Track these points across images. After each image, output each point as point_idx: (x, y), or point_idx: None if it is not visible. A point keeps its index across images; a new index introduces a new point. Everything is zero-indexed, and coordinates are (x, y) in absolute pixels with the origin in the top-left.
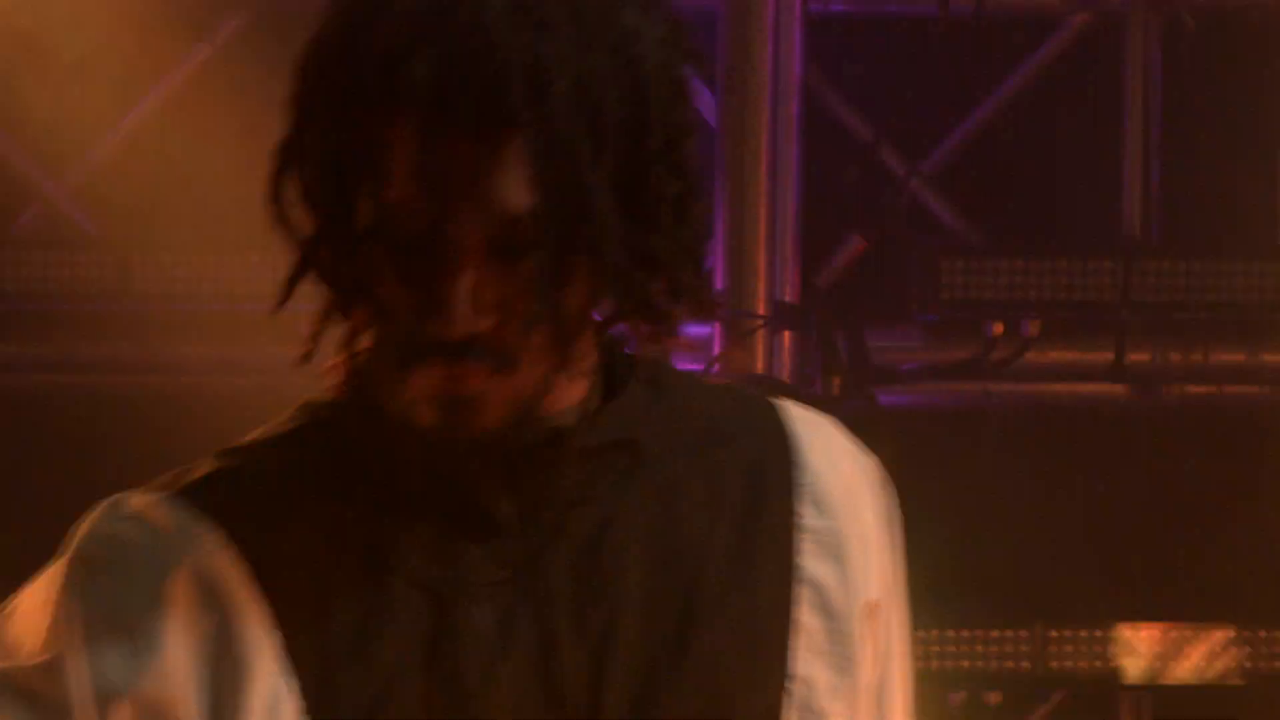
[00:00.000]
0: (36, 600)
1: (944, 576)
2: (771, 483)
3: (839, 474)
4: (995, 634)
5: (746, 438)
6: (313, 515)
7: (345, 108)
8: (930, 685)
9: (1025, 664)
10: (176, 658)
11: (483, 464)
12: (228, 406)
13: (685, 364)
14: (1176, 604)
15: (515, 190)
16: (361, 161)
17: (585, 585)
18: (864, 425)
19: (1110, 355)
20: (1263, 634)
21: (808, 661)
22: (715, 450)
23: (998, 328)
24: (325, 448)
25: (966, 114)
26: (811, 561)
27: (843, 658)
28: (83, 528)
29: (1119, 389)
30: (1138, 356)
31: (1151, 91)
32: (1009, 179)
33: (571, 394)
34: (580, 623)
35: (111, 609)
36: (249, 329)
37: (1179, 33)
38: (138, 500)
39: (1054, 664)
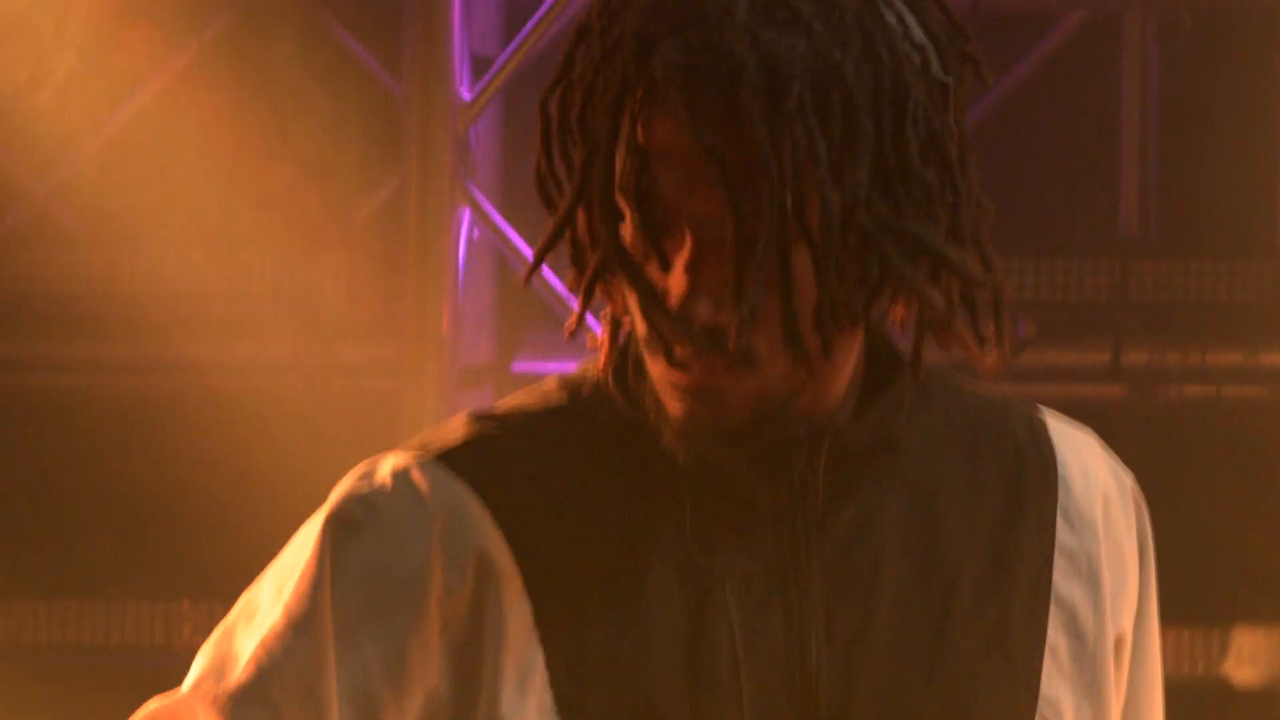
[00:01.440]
0: (292, 558)
1: None
2: (1030, 497)
3: (1096, 493)
4: None
5: (1008, 449)
6: (570, 493)
7: (599, 90)
8: None
9: None
10: (433, 625)
11: (743, 456)
12: (217, 406)
13: None
14: (1175, 605)
15: (755, 187)
16: (615, 142)
17: (839, 585)
18: None
19: (1107, 356)
20: (1262, 634)
21: (1055, 683)
22: (976, 459)
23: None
24: (585, 427)
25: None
26: (1065, 581)
27: (1090, 684)
28: (340, 489)
29: (1116, 390)
30: (1135, 357)
31: (1149, 89)
32: (1004, 177)
33: (835, 391)
34: (832, 622)
35: (367, 573)
36: (238, 328)
37: (1176, 30)
38: (396, 462)
39: None
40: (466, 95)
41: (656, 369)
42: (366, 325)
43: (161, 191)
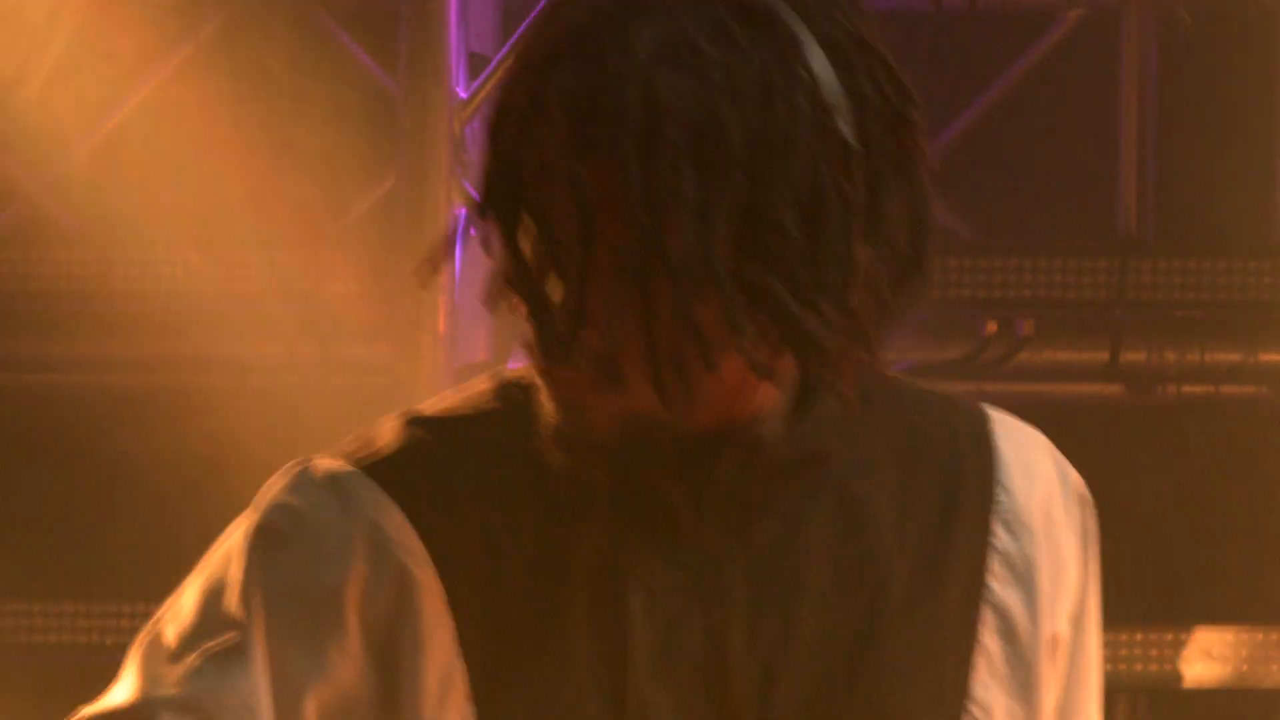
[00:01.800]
0: (218, 567)
1: None
2: (967, 501)
3: (1038, 494)
4: None
5: (946, 452)
6: (495, 505)
7: (504, 113)
8: None
9: None
10: (354, 635)
11: (666, 466)
12: (215, 403)
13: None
14: (1172, 605)
15: (625, 218)
16: (517, 165)
17: (761, 595)
18: None
19: (1105, 354)
20: (1260, 635)
21: (986, 686)
22: (913, 463)
23: (992, 326)
24: (513, 434)
25: (960, 110)
26: (999, 585)
27: (1023, 685)
28: (268, 494)
29: (1114, 388)
30: (1133, 356)
31: (1147, 88)
32: (1003, 176)
33: (764, 402)
34: (753, 632)
35: (293, 584)
36: (234, 326)
37: (1174, 28)
38: (324, 470)
39: None
40: (463, 93)
41: (543, 380)
42: (363, 323)
43: (157, 188)
